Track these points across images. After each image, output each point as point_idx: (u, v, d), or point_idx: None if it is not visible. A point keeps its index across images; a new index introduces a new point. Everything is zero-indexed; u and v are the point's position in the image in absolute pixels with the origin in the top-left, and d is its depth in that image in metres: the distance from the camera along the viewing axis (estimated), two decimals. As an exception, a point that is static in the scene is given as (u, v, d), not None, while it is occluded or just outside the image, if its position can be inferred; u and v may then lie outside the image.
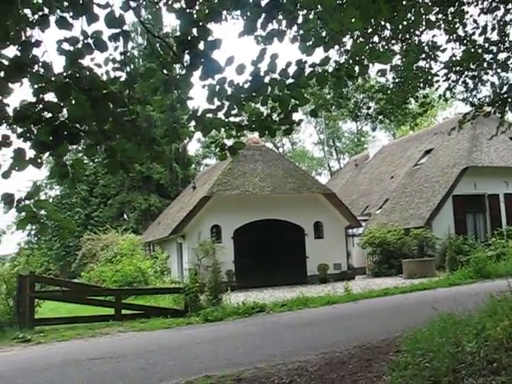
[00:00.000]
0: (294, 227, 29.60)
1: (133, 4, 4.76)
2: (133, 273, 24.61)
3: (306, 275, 29.22)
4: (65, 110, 4.49)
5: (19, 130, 4.45)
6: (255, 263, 27.07)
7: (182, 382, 8.72)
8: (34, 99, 4.42)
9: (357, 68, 5.42)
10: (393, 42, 11.88)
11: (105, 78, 4.99)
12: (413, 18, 10.13)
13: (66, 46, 4.69)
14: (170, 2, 5.08)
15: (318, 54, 5.33)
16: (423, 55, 11.50)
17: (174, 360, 10.68)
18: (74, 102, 4.27)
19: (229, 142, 5.71)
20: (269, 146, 35.15)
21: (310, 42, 4.98)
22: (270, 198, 29.01)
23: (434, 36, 11.64)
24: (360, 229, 33.80)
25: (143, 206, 44.38)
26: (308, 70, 4.93)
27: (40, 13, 4.66)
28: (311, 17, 4.64)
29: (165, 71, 4.89)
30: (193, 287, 17.61)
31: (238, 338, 13.15)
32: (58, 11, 4.69)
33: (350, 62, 5.54)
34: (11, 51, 4.58)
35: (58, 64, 4.87)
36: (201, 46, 4.61)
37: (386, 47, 11.65)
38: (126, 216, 45.52)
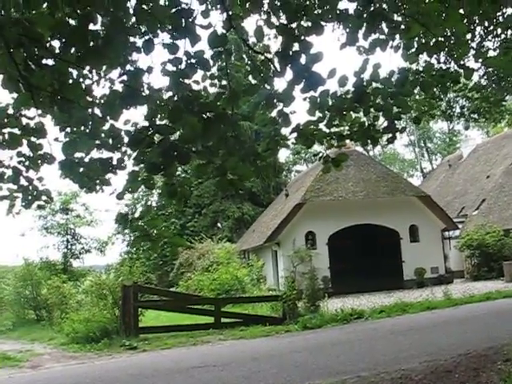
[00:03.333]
0: (389, 231, 29.14)
1: (234, 23, 4.84)
2: (230, 281, 24.86)
3: (402, 280, 28.67)
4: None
5: (131, 153, 4.62)
6: (351, 269, 26.79)
7: (286, 391, 8.75)
8: (146, 123, 4.57)
9: (462, 72, 5.30)
10: (488, 38, 11.52)
11: (205, 95, 5.10)
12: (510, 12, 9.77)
13: (169, 67, 4.83)
14: (270, 19, 5.13)
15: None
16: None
17: (275, 368, 10.71)
18: (185, 124, 4.37)
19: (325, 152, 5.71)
20: (359, 149, 34.73)
21: (413, 50, 4.91)
22: (363, 203, 28.69)
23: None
24: (457, 231, 32.80)
25: (236, 214, 44.81)
26: (411, 78, 4.86)
27: (146, 37, 4.82)
28: (414, 24, 4.57)
29: (267, 86, 4.95)
30: (290, 295, 17.63)
31: (338, 346, 13.05)
32: (163, 35, 4.84)
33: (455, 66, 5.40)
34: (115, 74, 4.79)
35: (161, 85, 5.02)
36: (302, 59, 4.64)
37: (479, 45, 11.32)
38: (220, 225, 46.09)
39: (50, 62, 4.25)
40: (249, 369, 10.87)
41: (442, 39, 5.01)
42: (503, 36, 11.26)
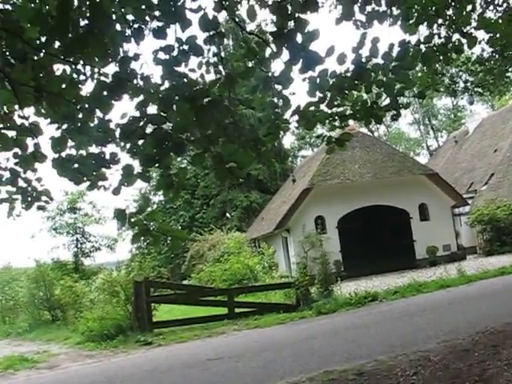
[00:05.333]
0: (398, 211, 28.95)
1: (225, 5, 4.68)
2: (241, 270, 24.83)
3: (414, 259, 28.50)
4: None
5: (124, 145, 4.48)
6: (362, 251, 26.63)
7: (303, 379, 8.61)
8: (137, 114, 4.43)
9: (464, 41, 5.11)
10: (489, 9, 11.28)
11: (201, 81, 4.95)
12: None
13: (161, 56, 4.67)
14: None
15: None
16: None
17: (292, 356, 10.61)
18: (177, 111, 4.23)
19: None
20: (363, 131, 34.50)
21: (413, 20, 4.73)
22: (371, 184, 28.49)
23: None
24: (466, 207, 32.55)
25: (244, 203, 44.72)
26: (412, 50, 4.68)
27: (135, 25, 4.67)
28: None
29: (263, 68, 4.79)
30: (303, 281, 17.53)
31: (354, 330, 12.94)
32: (152, 22, 4.69)
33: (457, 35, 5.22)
34: (109, 68, 4.63)
35: (155, 75, 4.87)
36: (298, 38, 4.47)
37: (481, 16, 11.07)
38: (228, 215, 46.04)
39: (32, 56, 4.11)
40: (264, 358, 10.79)
41: (442, 7, 4.83)
42: (505, 5, 11.02)
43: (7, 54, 3.90)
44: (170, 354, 13.24)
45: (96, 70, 4.78)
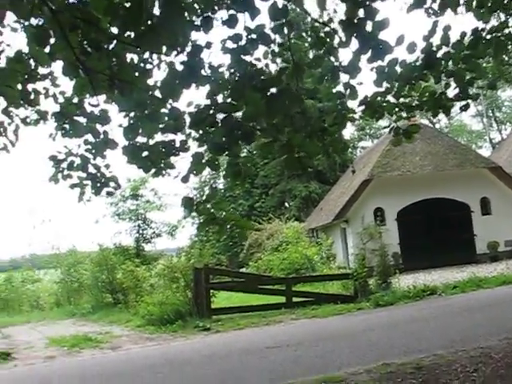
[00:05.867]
0: (459, 205, 28.34)
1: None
2: (299, 260, 24.85)
3: (474, 254, 27.85)
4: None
5: (194, 134, 4.55)
6: (421, 244, 26.28)
7: (361, 371, 8.58)
8: (207, 102, 4.49)
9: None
10: None
11: (267, 71, 4.97)
12: None
13: (229, 45, 4.72)
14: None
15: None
16: None
17: (350, 347, 10.60)
18: (248, 101, 4.26)
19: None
20: (424, 122, 33.90)
21: (487, 7, 4.61)
22: (431, 177, 28.00)
23: None
24: (531, 202, 31.61)
25: (303, 193, 44.57)
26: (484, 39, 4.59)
27: (204, 14, 4.72)
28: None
29: (332, 58, 4.78)
30: (361, 272, 17.44)
31: (413, 323, 12.81)
32: (220, 11, 4.74)
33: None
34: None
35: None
36: (368, 27, 4.44)
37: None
38: (287, 204, 46.03)
39: (107, 45, 4.22)
40: (322, 348, 10.81)
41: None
42: None
43: (83, 43, 4.02)
44: (228, 340, 13.41)
45: (164, 58, 4.88)
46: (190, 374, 10.01)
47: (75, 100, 5.76)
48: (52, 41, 4.01)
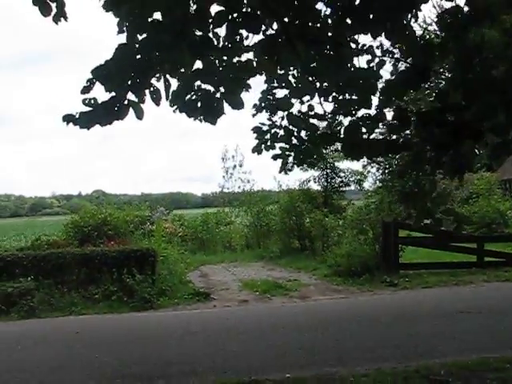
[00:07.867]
0: None
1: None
2: (491, 214, 23.72)
3: None
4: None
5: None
6: None
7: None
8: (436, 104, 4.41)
9: None
10: None
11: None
12: None
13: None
14: None
15: None
16: None
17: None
18: (483, 103, 4.12)
19: None
20: None
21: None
22: None
23: None
24: None
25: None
26: None
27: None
28: None
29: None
30: None
31: None
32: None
33: None
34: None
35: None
36: None
37: None
38: (476, 151, 43.76)
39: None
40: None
41: None
42: None
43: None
44: (417, 299, 13.31)
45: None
46: (377, 334, 10.10)
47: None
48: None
